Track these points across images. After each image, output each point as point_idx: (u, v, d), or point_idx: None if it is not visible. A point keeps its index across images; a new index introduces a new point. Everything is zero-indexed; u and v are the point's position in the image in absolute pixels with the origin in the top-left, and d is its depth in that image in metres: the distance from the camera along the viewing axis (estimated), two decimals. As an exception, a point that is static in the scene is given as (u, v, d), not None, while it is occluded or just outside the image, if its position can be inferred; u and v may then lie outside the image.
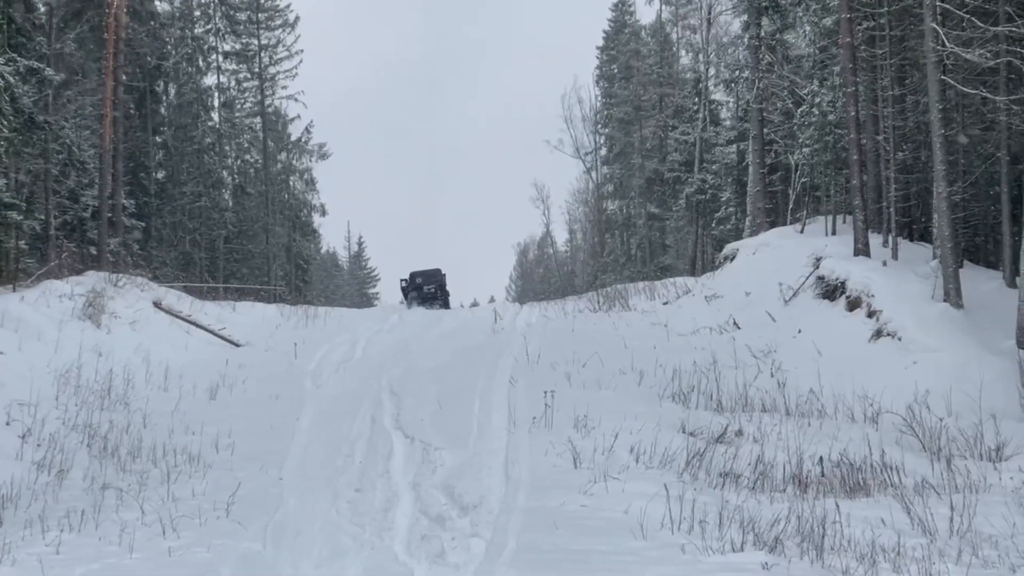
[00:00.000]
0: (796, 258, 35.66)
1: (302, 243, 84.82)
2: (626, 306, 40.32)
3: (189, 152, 69.32)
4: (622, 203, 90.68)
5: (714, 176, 67.80)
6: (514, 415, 22.18)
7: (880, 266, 31.73)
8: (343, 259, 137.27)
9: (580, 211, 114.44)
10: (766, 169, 50.88)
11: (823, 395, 24.48)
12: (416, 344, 33.81)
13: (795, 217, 45.57)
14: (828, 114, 40.83)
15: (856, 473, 18.29)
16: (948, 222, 28.74)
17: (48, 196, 42.10)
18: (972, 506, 14.90)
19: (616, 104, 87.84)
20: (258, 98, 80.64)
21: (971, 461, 19.32)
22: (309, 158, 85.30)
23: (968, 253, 35.15)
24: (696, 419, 22.30)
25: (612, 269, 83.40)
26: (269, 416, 23.46)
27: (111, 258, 44.40)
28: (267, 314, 41.29)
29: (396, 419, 22.59)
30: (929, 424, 21.11)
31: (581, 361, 28.43)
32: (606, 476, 17.23)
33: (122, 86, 50.37)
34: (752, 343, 30.56)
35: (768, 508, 15.68)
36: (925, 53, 29.85)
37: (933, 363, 24.90)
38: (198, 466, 19.29)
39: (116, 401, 24.66)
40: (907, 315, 27.62)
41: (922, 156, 36.68)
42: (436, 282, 58.21)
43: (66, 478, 18.70)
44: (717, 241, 64.27)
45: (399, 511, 15.97)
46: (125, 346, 30.33)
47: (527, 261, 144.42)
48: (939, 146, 28.91)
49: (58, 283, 33.85)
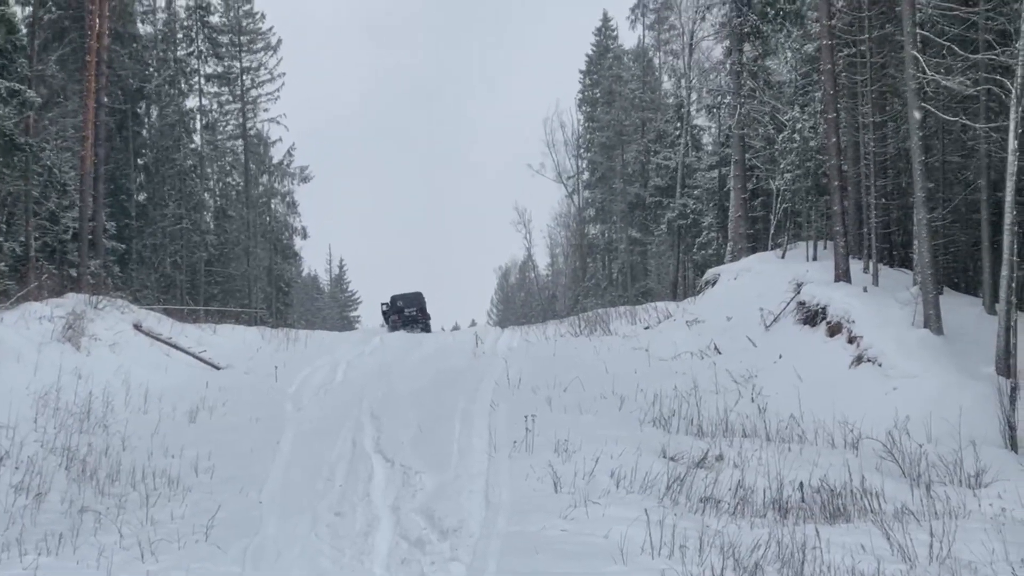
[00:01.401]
0: (777, 283, 35.74)
1: (283, 266, 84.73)
2: (607, 330, 40.34)
3: (170, 174, 69.17)
4: (604, 227, 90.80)
5: (696, 201, 67.93)
6: (495, 439, 22.16)
7: (861, 292, 31.81)
8: (324, 282, 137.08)
9: (562, 235, 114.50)
10: (748, 194, 51.05)
11: (804, 420, 24.51)
12: (397, 367, 33.76)
13: (776, 242, 45.66)
14: (809, 140, 40.99)
15: (836, 499, 18.29)
16: (928, 248, 28.85)
17: (28, 218, 41.97)
18: (951, 532, 14.90)
19: (598, 128, 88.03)
20: (240, 121, 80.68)
21: (951, 487, 19.33)
22: (291, 181, 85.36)
23: (948, 280, 35.27)
24: (677, 444, 22.29)
25: (594, 293, 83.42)
26: (249, 439, 23.40)
27: (91, 280, 44.25)
28: (248, 337, 41.18)
29: (377, 442, 22.55)
30: (909, 450, 21.14)
31: (562, 385, 28.43)
32: (587, 500, 17.21)
33: (104, 108, 50.30)
34: (733, 368, 30.60)
35: (748, 533, 15.67)
36: (905, 80, 29.98)
37: (913, 389, 24.95)
38: (177, 489, 19.24)
39: (95, 424, 24.56)
40: (887, 341, 27.69)
41: (903, 182, 36.83)
42: (417, 305, 58.12)
43: (44, 501, 18.61)
44: (698, 266, 64.37)
45: (379, 535, 15.95)
46: (105, 368, 30.22)
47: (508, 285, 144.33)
48: (919, 173, 29.02)
49: (38, 305, 33.72)
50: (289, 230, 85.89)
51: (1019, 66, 24.90)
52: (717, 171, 63.46)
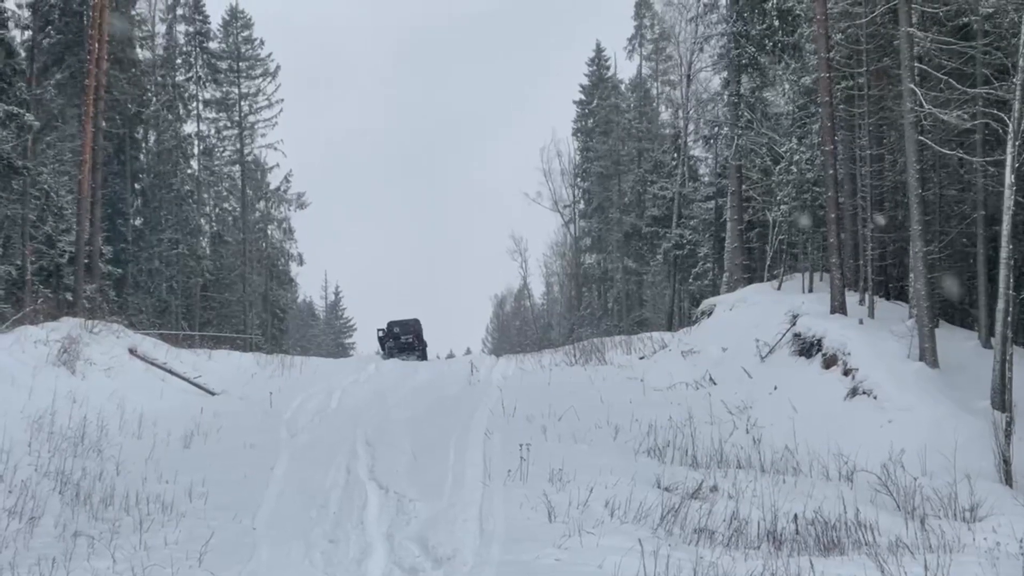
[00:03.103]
0: (773, 315, 35.72)
1: (279, 292, 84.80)
2: (602, 360, 40.31)
3: (167, 199, 69.29)
4: (599, 257, 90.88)
5: (692, 231, 68.05)
6: (489, 468, 22.12)
7: (857, 324, 31.84)
8: (320, 308, 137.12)
9: (557, 264, 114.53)
10: (744, 225, 51.10)
11: (798, 452, 24.49)
12: (392, 395, 33.73)
13: (772, 274, 45.69)
14: (806, 172, 41.05)
15: (830, 531, 18.27)
16: (924, 281, 28.89)
17: (25, 241, 42.03)
18: (946, 566, 14.89)
19: (595, 158, 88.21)
20: (237, 146, 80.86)
21: (945, 521, 19.31)
22: (287, 207, 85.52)
23: (944, 313, 35.28)
24: (671, 474, 22.27)
25: (589, 323, 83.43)
26: (243, 465, 23.35)
27: (87, 304, 44.21)
28: (243, 363, 41.14)
29: (371, 470, 22.51)
30: (904, 483, 21.12)
31: (557, 414, 28.39)
32: (581, 530, 17.18)
33: (101, 132, 50.26)
34: (728, 399, 30.59)
35: (742, 565, 15.65)
36: (903, 113, 30.06)
37: (908, 422, 24.96)
38: (171, 515, 19.18)
39: (89, 448, 24.51)
40: (883, 374, 27.70)
41: (899, 215, 36.88)
42: (413, 332, 58.10)
43: (37, 525, 18.55)
44: (694, 296, 64.47)
45: (372, 562, 15.91)
46: (100, 393, 30.17)
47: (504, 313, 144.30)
48: (916, 205, 29.09)
49: (33, 329, 33.70)
50: (285, 256, 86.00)
51: (1016, 100, 24.99)
52: (714, 202, 63.57)
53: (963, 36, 30.98)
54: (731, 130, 52.01)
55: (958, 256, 35.75)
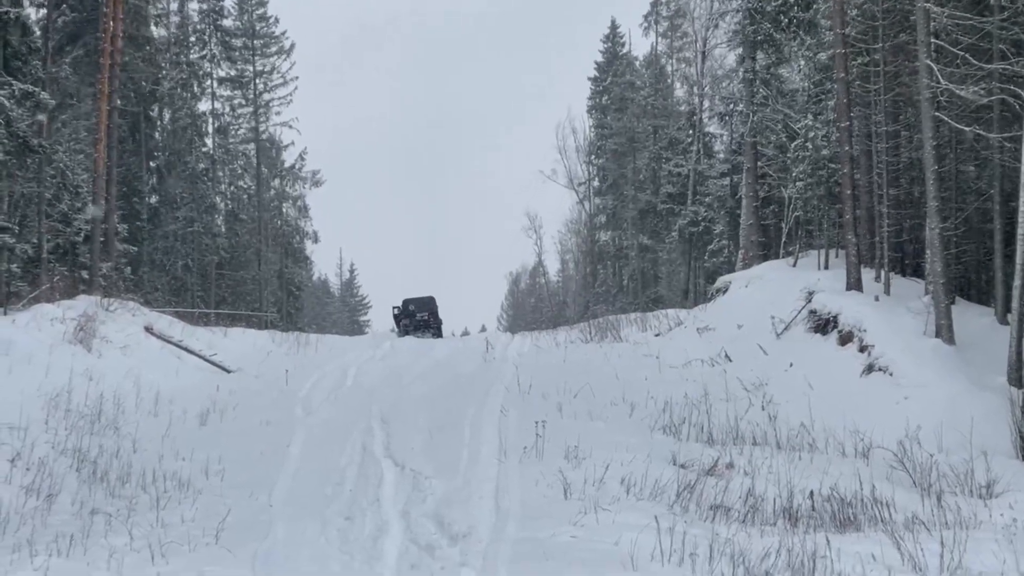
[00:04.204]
0: (788, 292, 35.66)
1: (294, 270, 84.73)
2: (618, 337, 40.28)
3: (182, 177, 69.24)
4: (615, 234, 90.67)
5: (707, 208, 67.91)
6: (505, 445, 22.12)
7: (872, 301, 31.77)
8: (335, 286, 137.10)
9: (572, 241, 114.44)
10: (759, 202, 50.94)
11: (814, 429, 24.46)
12: (407, 372, 33.72)
13: (788, 251, 45.60)
14: (822, 149, 40.90)
15: (846, 508, 18.26)
16: (940, 258, 28.81)
17: (41, 220, 42.03)
18: (962, 543, 14.86)
19: (609, 135, 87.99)
20: (252, 124, 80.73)
21: (961, 497, 19.29)
22: (302, 185, 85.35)
23: (960, 289, 35.20)
24: (687, 451, 22.26)
25: (604, 300, 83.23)
26: (259, 442, 23.39)
27: (103, 282, 44.25)
28: (258, 340, 41.17)
29: (386, 447, 22.53)
30: (920, 460, 21.10)
31: (572, 392, 28.36)
32: (596, 507, 17.18)
33: (116, 111, 50.29)
34: (744, 376, 30.54)
35: (758, 541, 15.64)
36: (919, 89, 29.96)
37: (924, 399, 24.91)
38: (188, 492, 19.24)
39: (106, 426, 24.59)
40: (899, 350, 27.65)
41: (915, 192, 36.78)
42: (428, 310, 58.03)
43: (55, 502, 18.64)
44: (709, 273, 64.36)
45: (388, 540, 15.92)
46: (116, 371, 30.24)
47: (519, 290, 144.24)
48: (932, 182, 28.99)
49: (49, 307, 33.74)
50: (300, 234, 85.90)
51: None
52: (729, 179, 63.42)
53: (980, 11, 30.79)
54: (746, 107, 51.83)
55: (974, 233, 35.65)
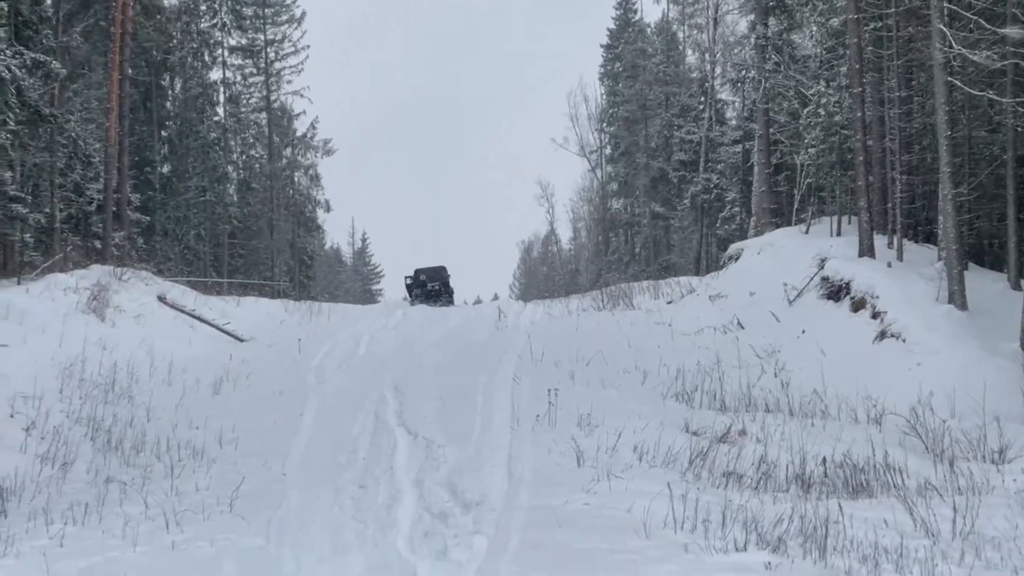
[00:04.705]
0: (801, 258, 35.61)
1: (306, 239, 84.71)
2: (630, 305, 40.26)
3: (194, 147, 69.21)
4: (627, 202, 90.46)
5: (719, 176, 67.75)
6: (517, 413, 22.15)
7: (885, 267, 31.71)
8: (347, 255, 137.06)
9: (584, 209, 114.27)
10: (771, 169, 50.82)
11: (827, 396, 24.46)
12: (420, 341, 33.77)
13: (800, 218, 45.53)
14: (834, 115, 40.77)
15: (859, 474, 18.28)
16: (953, 224, 28.72)
17: (53, 189, 42.08)
18: (975, 508, 14.87)
19: (621, 103, 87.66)
20: (264, 93, 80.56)
21: (974, 463, 19.28)
22: (314, 154, 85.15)
23: (973, 255, 35.11)
24: (700, 418, 22.28)
25: (616, 268, 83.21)
26: (273, 411, 23.46)
27: (116, 252, 44.36)
28: (271, 310, 41.25)
29: (399, 416, 22.57)
30: (932, 426, 21.10)
31: (585, 359, 28.39)
32: (609, 475, 17.21)
33: (128, 80, 50.26)
34: (756, 343, 30.52)
35: (771, 508, 15.67)
36: (932, 55, 29.82)
37: (937, 365, 24.87)
38: (201, 461, 19.31)
39: (120, 395, 24.67)
40: (911, 317, 27.60)
41: (928, 158, 36.64)
42: (440, 279, 58.20)
43: (70, 471, 18.74)
44: (721, 241, 64.26)
45: (402, 508, 15.97)
46: (129, 340, 30.34)
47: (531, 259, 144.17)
48: (945, 148, 28.88)
49: (63, 276, 33.85)
50: (312, 203, 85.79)
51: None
52: (741, 146, 63.28)
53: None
54: (758, 73, 51.69)
55: (988, 198, 35.52)
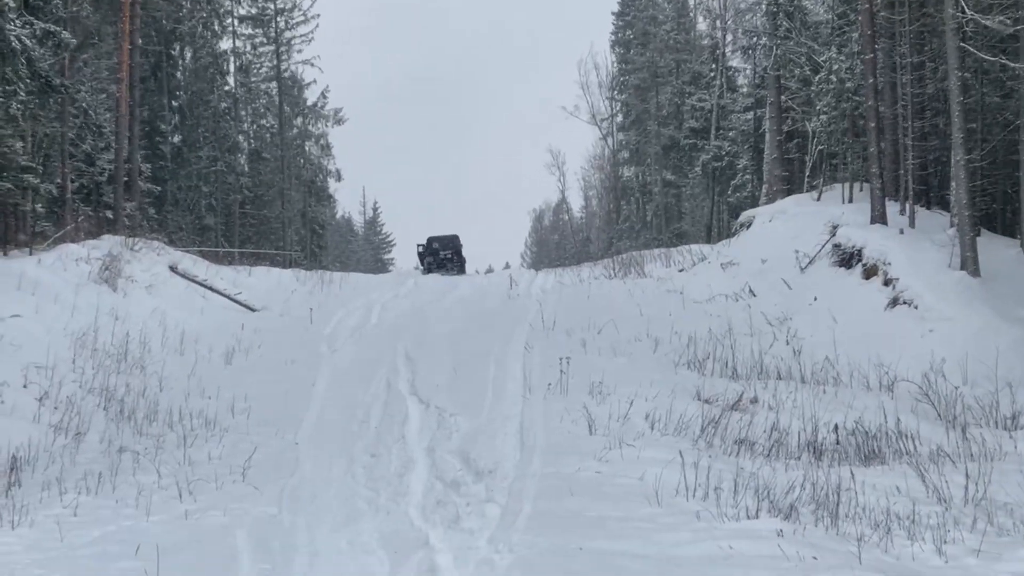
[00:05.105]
0: (812, 226, 35.54)
1: (317, 208, 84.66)
2: (642, 273, 40.20)
3: (205, 117, 69.13)
4: (638, 170, 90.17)
5: (731, 143, 67.57)
6: (529, 381, 22.19)
7: (897, 234, 31.64)
8: (358, 224, 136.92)
9: (596, 177, 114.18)
10: (783, 136, 50.67)
11: (838, 363, 24.46)
12: (431, 310, 33.78)
13: (812, 185, 45.44)
14: (846, 81, 40.62)
15: (871, 441, 18.30)
16: (966, 190, 28.64)
17: (64, 160, 42.08)
18: (987, 474, 14.90)
19: (632, 70, 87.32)
20: (274, 63, 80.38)
21: (986, 429, 19.30)
22: (325, 123, 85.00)
23: (986, 221, 35.02)
24: (711, 386, 22.30)
25: (627, 236, 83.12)
26: (285, 381, 23.51)
27: (127, 222, 44.34)
28: (283, 279, 41.23)
29: (411, 384, 22.62)
30: (945, 392, 21.11)
31: (596, 328, 28.38)
32: (621, 443, 17.24)
33: (138, 50, 50.12)
34: (768, 310, 30.50)
35: (783, 475, 15.70)
36: (944, 19, 29.68)
37: (949, 331, 24.87)
38: (214, 430, 19.37)
39: (132, 365, 24.75)
40: (923, 283, 27.56)
41: (940, 124, 36.51)
42: (452, 248, 58.24)
43: (83, 441, 18.82)
44: (733, 208, 64.14)
45: (414, 476, 16.02)
46: (141, 310, 30.39)
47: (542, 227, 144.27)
48: (957, 114, 28.78)
49: (75, 247, 33.88)
50: (323, 172, 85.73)
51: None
52: (752, 113, 63.06)
53: (1006, -60, 30.49)
54: (769, 40, 51.48)
55: (1000, 164, 35.40)
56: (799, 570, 11.42)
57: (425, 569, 11.70)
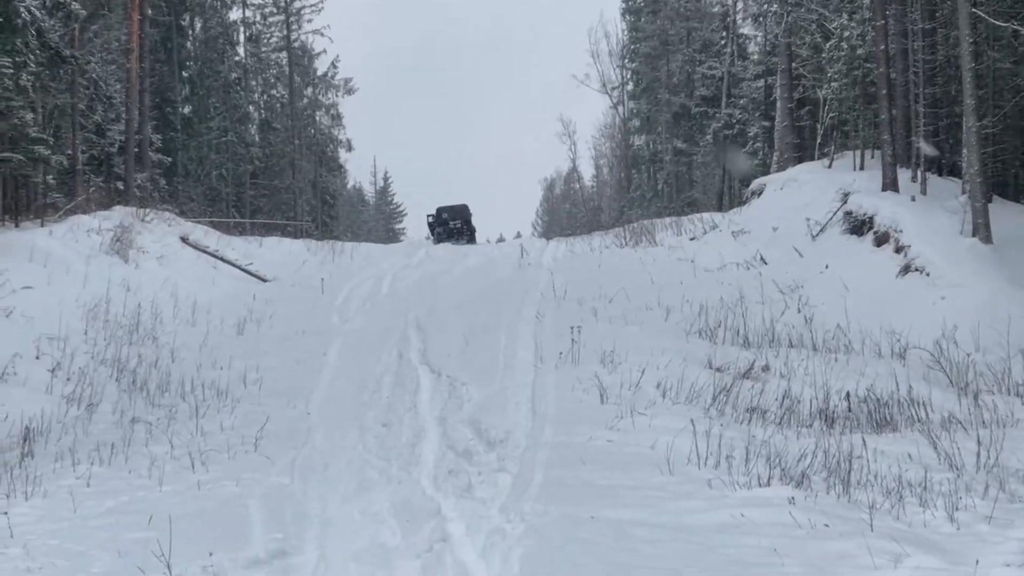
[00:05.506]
0: (824, 193, 35.44)
1: (328, 178, 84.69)
2: (653, 241, 40.17)
3: (215, 87, 69.15)
4: (649, 138, 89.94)
5: (741, 111, 67.31)
6: (541, 350, 22.19)
7: (908, 201, 31.53)
8: (369, 194, 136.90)
9: (607, 146, 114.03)
10: (794, 104, 50.51)
11: (850, 331, 24.40)
12: (442, 279, 33.79)
13: (823, 152, 45.28)
14: (857, 48, 40.42)
15: (883, 408, 18.27)
16: (978, 156, 28.51)
17: (75, 131, 42.08)
18: (999, 441, 14.86)
19: (643, 39, 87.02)
20: (284, 33, 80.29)
21: (998, 396, 19.26)
22: (335, 93, 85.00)
23: (998, 187, 34.88)
24: (723, 354, 22.28)
25: (639, 204, 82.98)
26: (296, 351, 23.55)
27: (138, 193, 44.39)
28: (294, 249, 41.27)
29: (423, 354, 22.64)
30: (956, 359, 21.05)
31: (608, 296, 28.35)
32: (633, 411, 17.24)
33: (148, 20, 50.16)
34: (779, 278, 30.42)
35: (795, 443, 15.68)
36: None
37: (961, 298, 24.78)
38: (226, 401, 19.40)
39: (144, 335, 24.81)
40: (935, 250, 27.48)
41: (952, 90, 36.35)
42: (463, 217, 58.27)
43: (96, 412, 18.87)
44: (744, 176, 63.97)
45: (426, 446, 16.03)
46: (153, 281, 30.44)
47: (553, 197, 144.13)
48: (969, 80, 28.64)
49: (86, 218, 33.93)
50: (334, 142, 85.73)
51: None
52: (763, 81, 62.81)
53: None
54: (780, 7, 51.28)
55: (1012, 130, 35.25)
56: (811, 537, 11.42)
57: (437, 538, 11.71)
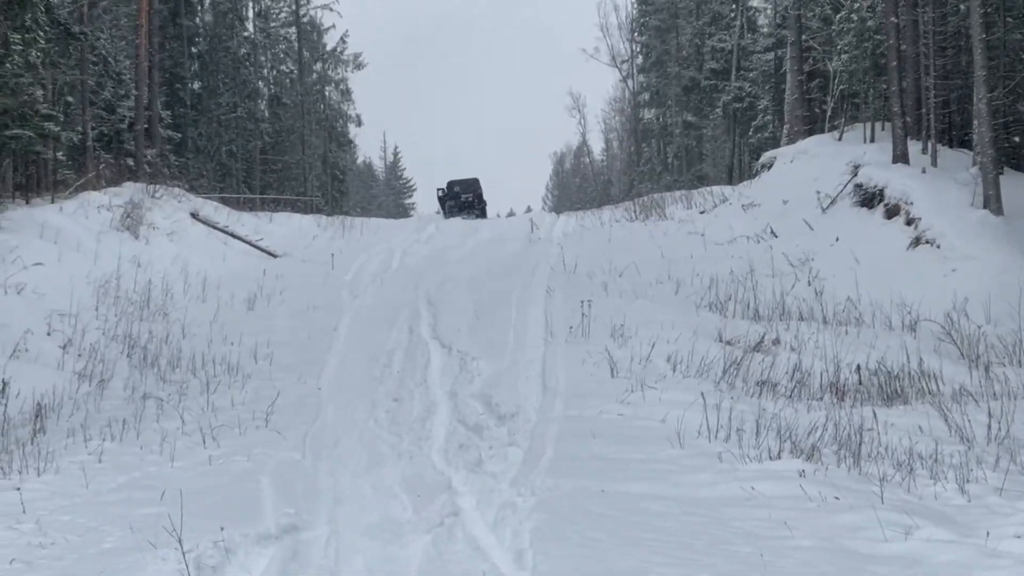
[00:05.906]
0: (834, 166, 35.34)
1: (338, 154, 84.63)
2: (663, 215, 40.14)
3: (224, 63, 69.05)
4: (658, 112, 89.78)
5: (751, 84, 67.14)
6: (551, 325, 22.20)
7: (919, 173, 31.44)
8: (379, 170, 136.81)
9: (616, 120, 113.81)
10: (804, 76, 50.33)
11: (860, 303, 24.37)
12: (453, 254, 33.80)
13: (833, 125, 45.14)
14: (867, 20, 40.26)
15: (894, 381, 18.27)
16: (989, 128, 28.42)
17: (85, 107, 42.09)
18: (1010, 413, 14.86)
19: (652, 11, 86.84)
20: (293, 8, 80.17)
21: (1009, 368, 19.24)
22: (344, 68, 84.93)
23: (1009, 159, 34.77)
24: (733, 328, 22.27)
25: (649, 178, 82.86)
26: (307, 326, 23.58)
27: (148, 169, 44.39)
28: (304, 225, 41.27)
29: (433, 329, 22.65)
30: (967, 332, 21.04)
31: (618, 270, 28.34)
32: (643, 385, 17.26)
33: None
34: (789, 251, 30.37)
35: (805, 416, 15.68)
36: (967, -44, 29.42)
37: (972, 270, 24.73)
38: (237, 376, 19.45)
39: (155, 312, 24.85)
40: (946, 222, 27.41)
41: (963, 61, 36.21)
42: (473, 192, 58.25)
43: (107, 388, 18.92)
44: (754, 149, 63.81)
45: (437, 420, 16.07)
46: (163, 257, 30.48)
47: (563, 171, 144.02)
48: (980, 51, 28.53)
49: (96, 194, 33.96)
50: (343, 118, 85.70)
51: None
52: (773, 53, 62.60)
53: None
54: (790, -22, 51.09)
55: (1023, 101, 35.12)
56: (821, 510, 11.44)
57: (448, 512, 11.75)
